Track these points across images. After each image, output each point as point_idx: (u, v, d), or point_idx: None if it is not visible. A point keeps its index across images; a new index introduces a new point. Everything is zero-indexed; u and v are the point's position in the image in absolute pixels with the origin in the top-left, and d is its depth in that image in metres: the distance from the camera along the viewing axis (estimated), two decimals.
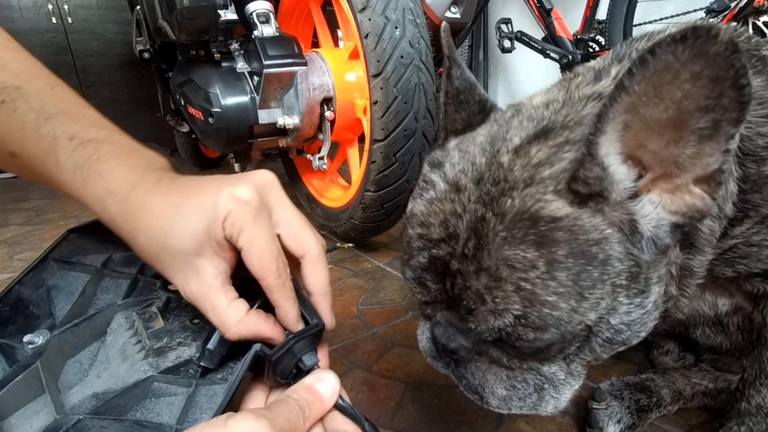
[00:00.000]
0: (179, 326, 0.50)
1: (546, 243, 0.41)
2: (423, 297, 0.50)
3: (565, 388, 0.50)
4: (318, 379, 0.44)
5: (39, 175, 0.46)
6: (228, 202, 0.43)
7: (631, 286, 0.44)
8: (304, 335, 0.46)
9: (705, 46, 0.32)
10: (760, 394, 0.59)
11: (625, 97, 0.36)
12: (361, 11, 1.09)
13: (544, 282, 0.41)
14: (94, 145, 0.45)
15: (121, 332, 0.48)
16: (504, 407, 0.51)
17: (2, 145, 0.45)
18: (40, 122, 0.44)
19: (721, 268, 0.55)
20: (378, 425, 0.72)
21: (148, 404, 0.43)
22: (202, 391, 0.45)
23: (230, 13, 1.28)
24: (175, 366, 0.46)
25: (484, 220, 0.43)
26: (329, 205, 1.44)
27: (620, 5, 1.96)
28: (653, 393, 0.71)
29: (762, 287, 0.57)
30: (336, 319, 0.53)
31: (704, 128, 0.36)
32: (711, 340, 0.72)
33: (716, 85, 0.34)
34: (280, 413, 0.39)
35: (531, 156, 0.45)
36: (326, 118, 1.33)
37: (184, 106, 1.45)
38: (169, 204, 0.44)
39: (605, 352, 0.48)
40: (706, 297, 0.64)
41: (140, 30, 1.67)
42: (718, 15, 1.67)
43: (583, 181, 0.41)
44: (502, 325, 0.43)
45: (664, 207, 0.42)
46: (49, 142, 0.44)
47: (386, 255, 1.35)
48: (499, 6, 2.87)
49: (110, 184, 0.44)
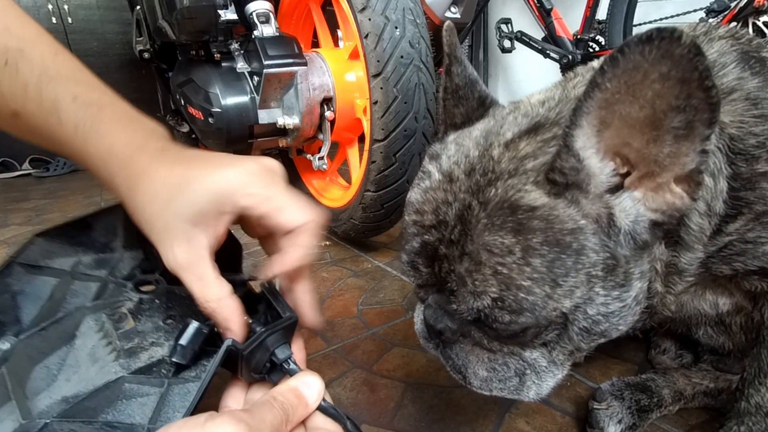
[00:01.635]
0: (152, 327, 0.50)
1: (523, 230, 0.43)
2: (416, 280, 0.52)
3: (548, 375, 0.53)
4: (304, 383, 0.44)
5: (40, 135, 0.47)
6: (243, 176, 0.46)
7: (608, 278, 0.45)
8: (276, 328, 0.47)
9: (670, 47, 0.34)
10: (759, 393, 0.59)
11: (597, 93, 0.38)
12: (361, 11, 1.09)
13: (519, 267, 0.43)
14: (96, 106, 0.47)
15: (90, 335, 0.48)
16: (485, 388, 0.54)
17: (5, 105, 0.46)
18: (43, 83, 0.45)
19: (719, 266, 0.56)
20: (378, 425, 0.72)
21: (119, 405, 0.43)
22: (175, 389, 0.45)
23: (230, 13, 1.28)
24: (147, 366, 0.46)
25: (470, 208, 0.46)
26: (329, 205, 1.44)
27: (620, 5, 1.96)
28: (654, 393, 0.71)
29: (760, 285, 0.57)
30: (336, 319, 0.54)
31: (678, 128, 0.38)
32: (714, 341, 0.72)
33: (684, 86, 0.35)
34: (262, 418, 0.39)
35: (519, 149, 0.47)
36: (326, 118, 1.33)
37: (184, 106, 1.45)
38: (175, 173, 0.45)
39: (583, 341, 0.49)
40: (706, 296, 0.64)
41: (140, 30, 1.67)
42: (718, 15, 1.66)
43: (559, 171, 0.43)
44: (481, 306, 0.46)
45: (645, 204, 0.44)
46: (51, 102, 0.45)
47: (386, 255, 1.35)
48: (499, 6, 2.87)
49: (113, 145, 0.46)
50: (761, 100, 0.50)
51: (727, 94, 0.51)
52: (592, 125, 0.40)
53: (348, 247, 1.42)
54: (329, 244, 1.42)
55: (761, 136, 0.49)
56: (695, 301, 0.65)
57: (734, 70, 0.51)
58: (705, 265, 0.55)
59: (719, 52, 0.53)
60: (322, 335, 0.95)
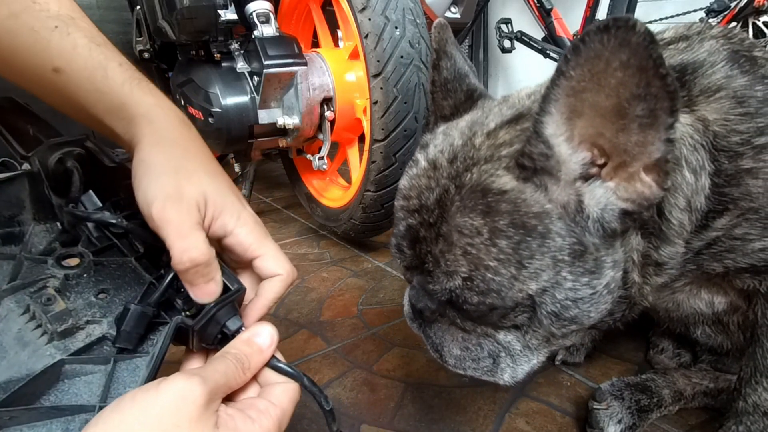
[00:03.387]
0: (83, 303, 0.47)
1: (491, 212, 0.45)
2: (402, 262, 0.55)
3: (522, 359, 0.55)
4: (254, 333, 0.45)
5: (76, 92, 0.49)
6: (249, 220, 0.51)
7: (576, 264, 0.47)
8: (225, 302, 0.46)
9: (626, 36, 0.35)
10: (756, 393, 0.59)
11: (563, 80, 0.39)
12: (361, 11, 1.09)
13: (487, 248, 0.46)
14: (140, 77, 0.51)
15: (13, 318, 0.45)
16: (459, 367, 0.56)
17: (47, 61, 0.48)
18: (92, 46, 0.49)
19: (710, 263, 0.56)
20: (378, 425, 0.72)
21: (62, 387, 0.41)
22: (123, 366, 0.44)
23: (230, 13, 1.28)
24: (87, 346, 0.44)
25: (448, 192, 0.48)
26: (329, 205, 1.44)
27: (620, 5, 1.96)
28: (654, 393, 0.71)
29: (752, 283, 0.57)
30: (336, 319, 0.54)
31: (642, 116, 0.39)
32: (712, 340, 0.72)
33: (643, 74, 0.37)
34: (215, 369, 0.39)
35: (498, 137, 0.49)
36: (326, 118, 1.33)
37: (184, 106, 1.45)
38: (208, 167, 0.50)
39: (554, 326, 0.50)
40: (702, 295, 0.65)
41: (140, 30, 1.67)
42: (718, 15, 1.66)
43: (528, 157, 0.44)
44: (453, 286, 0.48)
45: (617, 193, 0.45)
46: (99, 61, 0.49)
47: (386, 255, 1.35)
48: (499, 6, 2.87)
49: (160, 102, 0.51)
50: (747, 98, 0.51)
51: (714, 93, 0.51)
52: (561, 113, 0.42)
53: (348, 247, 1.42)
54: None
55: (745, 134, 0.50)
56: (691, 300, 0.65)
57: (722, 69, 0.52)
58: (696, 262, 0.56)
59: (709, 52, 0.54)
60: (322, 335, 0.96)
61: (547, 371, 0.84)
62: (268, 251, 0.50)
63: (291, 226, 1.61)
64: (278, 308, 1.07)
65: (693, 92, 0.52)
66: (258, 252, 0.50)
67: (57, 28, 0.47)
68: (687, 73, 0.53)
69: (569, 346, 0.85)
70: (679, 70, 0.53)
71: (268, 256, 0.50)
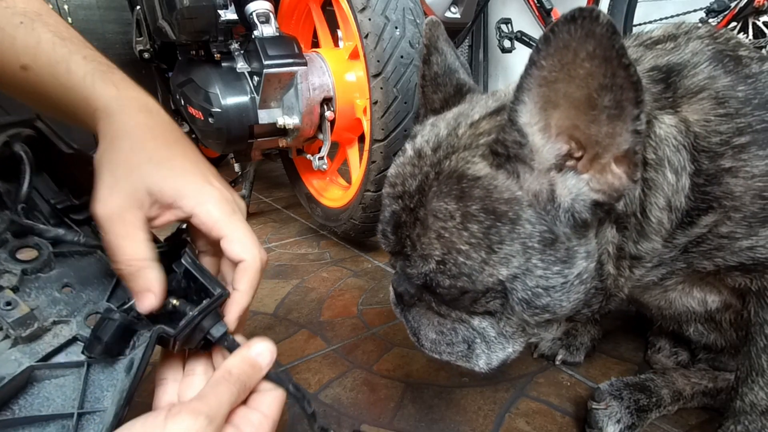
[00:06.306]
0: (47, 300, 0.43)
1: (464, 197, 0.47)
2: (386, 248, 0.56)
3: (497, 346, 0.56)
4: (258, 353, 0.44)
5: (44, 88, 0.49)
6: (207, 194, 0.48)
7: (546, 252, 0.48)
8: (207, 310, 0.43)
9: (591, 27, 0.36)
10: (752, 392, 0.59)
11: (534, 70, 0.40)
12: (361, 11, 1.09)
13: (459, 232, 0.47)
14: (106, 66, 0.50)
15: None
16: (435, 351, 0.57)
17: (15, 58, 0.48)
18: (56, 41, 0.48)
19: (700, 261, 0.57)
20: (378, 425, 0.72)
21: (32, 391, 0.38)
22: (97, 368, 0.41)
23: (230, 13, 1.28)
24: (56, 350, 0.41)
25: (428, 178, 0.50)
26: (329, 205, 1.44)
27: (620, 5, 1.95)
28: (653, 393, 0.71)
29: (743, 281, 0.57)
30: (336, 319, 0.54)
31: (610, 107, 0.40)
32: (705, 338, 0.73)
33: (608, 64, 0.37)
34: (220, 402, 0.38)
35: (479, 127, 0.51)
36: (326, 118, 1.33)
37: (184, 106, 1.45)
38: (159, 154, 0.47)
39: (526, 313, 0.51)
40: (694, 293, 0.65)
41: (140, 30, 1.67)
42: (718, 15, 1.66)
43: (502, 144, 0.46)
44: (427, 270, 0.49)
45: (589, 184, 0.46)
46: (62, 55, 0.48)
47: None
48: (499, 6, 2.87)
49: (121, 93, 0.48)
50: (728, 98, 0.51)
51: (695, 94, 0.52)
52: (534, 102, 0.42)
53: (348, 247, 1.42)
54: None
55: (725, 134, 0.50)
56: (683, 298, 0.66)
57: (705, 70, 0.52)
58: (686, 260, 0.56)
59: (693, 52, 0.54)
60: (322, 335, 0.96)
61: (547, 371, 0.84)
62: (233, 232, 0.47)
63: (291, 226, 1.62)
64: (278, 308, 1.07)
65: (678, 93, 0.52)
66: (222, 232, 0.46)
67: (22, 24, 0.47)
68: (673, 74, 0.53)
69: (569, 346, 0.85)
70: (665, 71, 0.53)
71: (233, 238, 0.47)
